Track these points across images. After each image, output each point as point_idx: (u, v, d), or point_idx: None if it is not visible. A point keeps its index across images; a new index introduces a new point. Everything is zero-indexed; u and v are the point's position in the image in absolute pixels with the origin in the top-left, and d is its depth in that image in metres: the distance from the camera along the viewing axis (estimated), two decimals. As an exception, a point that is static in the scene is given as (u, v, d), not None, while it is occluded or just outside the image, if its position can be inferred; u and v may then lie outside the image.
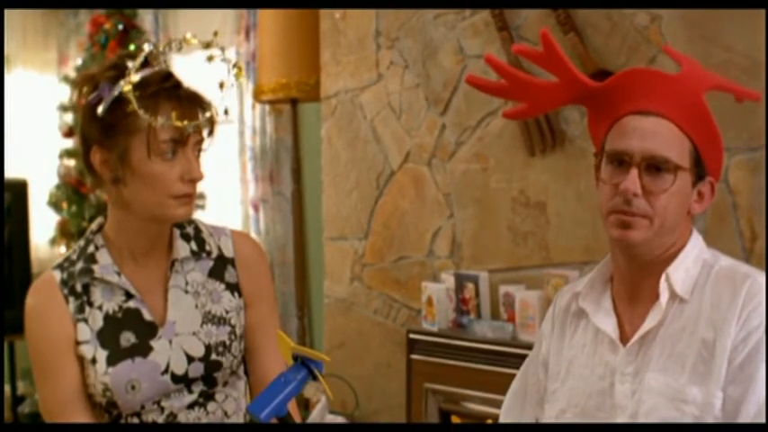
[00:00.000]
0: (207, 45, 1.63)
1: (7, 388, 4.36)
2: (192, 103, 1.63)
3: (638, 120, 1.52)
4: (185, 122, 1.58)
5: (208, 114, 1.63)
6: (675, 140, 1.51)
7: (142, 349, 1.67)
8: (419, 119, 3.42)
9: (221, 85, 1.63)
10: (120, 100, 1.58)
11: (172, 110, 1.58)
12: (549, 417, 1.65)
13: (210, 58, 1.63)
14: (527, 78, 1.62)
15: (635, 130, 1.51)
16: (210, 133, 1.66)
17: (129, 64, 1.59)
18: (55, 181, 4.84)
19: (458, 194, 3.32)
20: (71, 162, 4.71)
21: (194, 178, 1.64)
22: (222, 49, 1.63)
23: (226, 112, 1.65)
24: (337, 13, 3.69)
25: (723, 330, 1.46)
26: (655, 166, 1.49)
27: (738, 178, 2.62)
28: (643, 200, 1.49)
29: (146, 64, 1.61)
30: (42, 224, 4.95)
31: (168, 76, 1.63)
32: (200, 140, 1.65)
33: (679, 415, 1.46)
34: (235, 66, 1.64)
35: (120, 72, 1.60)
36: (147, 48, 1.61)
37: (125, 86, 1.56)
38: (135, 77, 1.57)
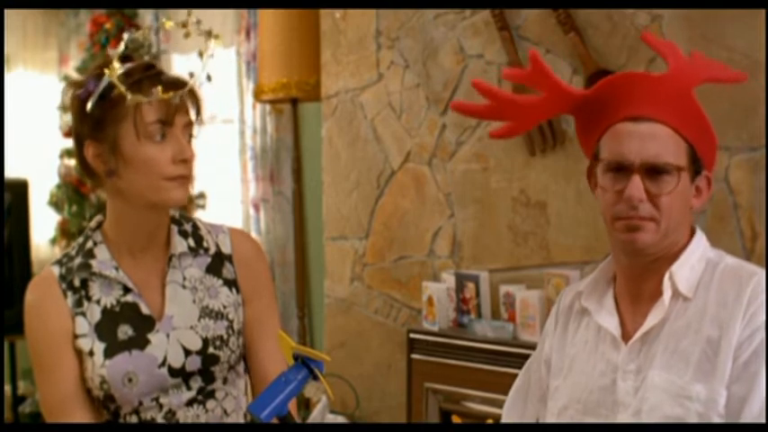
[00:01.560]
0: (183, 24, 1.64)
1: (8, 388, 4.36)
2: (176, 85, 1.63)
3: (633, 126, 1.52)
4: (170, 93, 1.59)
5: (191, 82, 1.63)
6: (672, 143, 1.51)
7: (139, 342, 1.68)
8: (419, 118, 3.42)
9: (200, 54, 1.63)
10: (107, 93, 1.60)
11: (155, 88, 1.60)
12: (552, 413, 1.65)
13: (187, 35, 1.64)
14: (513, 97, 1.63)
15: (631, 137, 1.51)
16: (198, 114, 1.67)
17: (110, 52, 1.60)
18: (55, 181, 4.85)
19: (458, 194, 3.32)
20: (71, 162, 4.71)
21: (186, 158, 1.65)
22: (198, 22, 1.64)
23: (209, 78, 1.64)
24: (337, 12, 3.69)
25: (728, 328, 1.46)
26: (656, 171, 1.50)
27: (739, 178, 2.62)
28: (648, 203, 1.49)
29: (129, 59, 1.63)
30: (43, 224, 4.95)
31: (151, 66, 1.65)
32: (189, 124, 1.67)
33: (683, 411, 1.46)
34: (210, 33, 1.64)
35: (105, 66, 1.62)
36: (126, 36, 1.64)
37: (110, 72, 1.58)
38: (117, 64, 1.58)
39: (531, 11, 3.06)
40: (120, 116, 1.61)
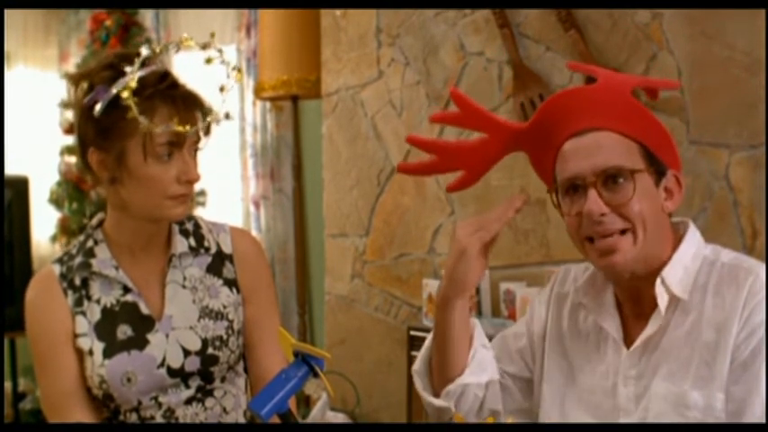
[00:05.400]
0: (204, 46, 1.62)
1: (8, 385, 4.36)
2: (191, 106, 1.62)
3: (576, 141, 1.48)
4: (186, 127, 1.58)
5: (208, 119, 1.63)
6: (620, 147, 1.46)
7: (138, 342, 1.68)
8: (420, 116, 3.42)
9: (221, 89, 1.62)
10: (116, 102, 1.57)
11: (170, 115, 1.58)
12: (550, 407, 1.62)
13: (209, 61, 1.62)
14: (455, 146, 1.60)
15: (577, 152, 1.48)
16: (207, 133, 1.66)
17: (127, 69, 1.57)
18: (56, 178, 4.85)
19: (458, 192, 3.32)
20: (72, 159, 4.71)
21: (191, 179, 1.64)
22: (220, 51, 1.62)
23: (227, 116, 1.64)
24: (338, 10, 3.69)
25: (725, 330, 1.43)
26: (611, 178, 1.45)
27: (739, 176, 2.62)
28: (613, 215, 1.45)
29: (142, 64, 1.60)
30: (43, 221, 4.95)
31: (164, 76, 1.63)
32: (197, 140, 1.66)
33: (682, 421, 1.43)
34: (234, 68, 1.63)
35: (115, 73, 1.59)
36: (144, 51, 1.59)
37: (124, 93, 1.56)
38: (133, 84, 1.56)
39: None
40: (129, 131, 1.59)
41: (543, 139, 1.53)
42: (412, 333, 3.27)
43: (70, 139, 4.75)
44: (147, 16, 4.99)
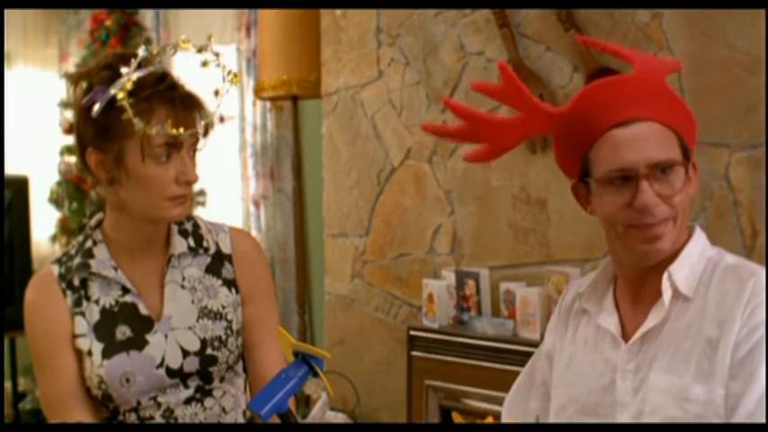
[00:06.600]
0: (201, 49, 1.62)
1: (8, 384, 4.36)
2: (188, 108, 1.62)
3: (623, 131, 1.48)
4: (180, 130, 1.58)
5: (204, 122, 1.63)
6: (665, 138, 1.49)
7: (137, 343, 1.68)
8: (420, 116, 3.42)
9: (216, 93, 1.62)
10: (115, 103, 1.57)
11: (167, 116, 1.58)
12: (551, 412, 1.65)
13: (205, 64, 1.62)
14: (487, 118, 1.58)
15: (625, 143, 1.48)
16: (205, 134, 1.66)
17: (124, 70, 1.57)
18: (56, 178, 4.85)
19: (459, 191, 3.32)
20: (72, 159, 4.72)
21: (189, 180, 1.64)
22: (217, 55, 1.62)
23: (222, 119, 1.64)
24: (338, 10, 3.69)
25: (727, 328, 1.44)
26: (660, 170, 1.47)
27: (739, 175, 2.62)
28: (663, 205, 1.47)
29: (140, 65, 1.60)
30: (43, 221, 4.95)
31: (163, 77, 1.62)
32: (196, 141, 1.66)
33: (682, 414, 1.45)
34: (230, 72, 1.63)
35: (114, 73, 1.59)
36: (141, 52, 1.60)
37: (119, 94, 1.56)
38: (129, 85, 1.56)
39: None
40: (127, 132, 1.59)
41: (580, 126, 1.53)
42: (412, 333, 3.27)
43: (70, 139, 4.74)
44: (147, 16, 4.99)
